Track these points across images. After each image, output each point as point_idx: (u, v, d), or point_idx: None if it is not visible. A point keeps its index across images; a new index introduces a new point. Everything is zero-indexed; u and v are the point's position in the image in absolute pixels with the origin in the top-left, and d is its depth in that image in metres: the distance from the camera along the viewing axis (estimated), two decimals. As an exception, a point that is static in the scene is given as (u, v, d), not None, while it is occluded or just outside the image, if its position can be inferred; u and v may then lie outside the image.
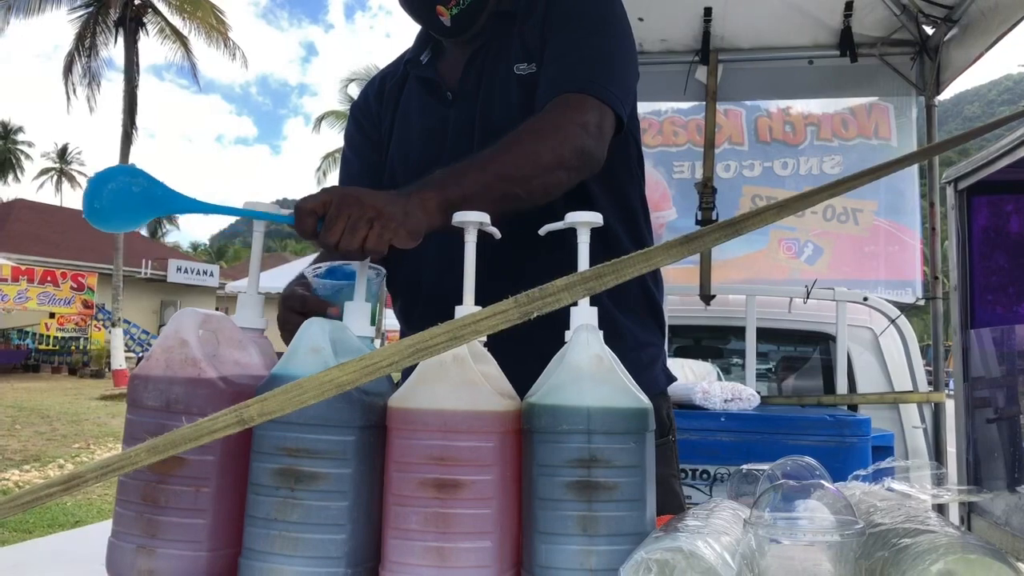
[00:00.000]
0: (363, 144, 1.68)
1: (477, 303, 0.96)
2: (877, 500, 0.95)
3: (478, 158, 1.20)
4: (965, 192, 1.19)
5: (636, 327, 1.53)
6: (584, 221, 0.99)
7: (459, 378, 0.85)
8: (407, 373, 1.03)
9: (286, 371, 0.85)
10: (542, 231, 1.07)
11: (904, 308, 3.87)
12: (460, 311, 0.95)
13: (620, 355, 0.93)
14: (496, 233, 1.07)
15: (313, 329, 0.87)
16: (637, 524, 0.83)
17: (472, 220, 1.01)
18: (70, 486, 0.72)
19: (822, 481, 0.82)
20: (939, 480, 0.96)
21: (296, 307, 1.19)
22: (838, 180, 0.79)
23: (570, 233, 1.01)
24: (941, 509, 1.34)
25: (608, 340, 0.92)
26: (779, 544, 0.78)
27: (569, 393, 0.84)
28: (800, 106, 4.36)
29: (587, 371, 0.86)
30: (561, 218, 1.02)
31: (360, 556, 0.84)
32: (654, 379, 1.55)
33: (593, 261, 0.86)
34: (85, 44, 23.97)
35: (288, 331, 1.16)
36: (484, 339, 0.98)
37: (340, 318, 1.04)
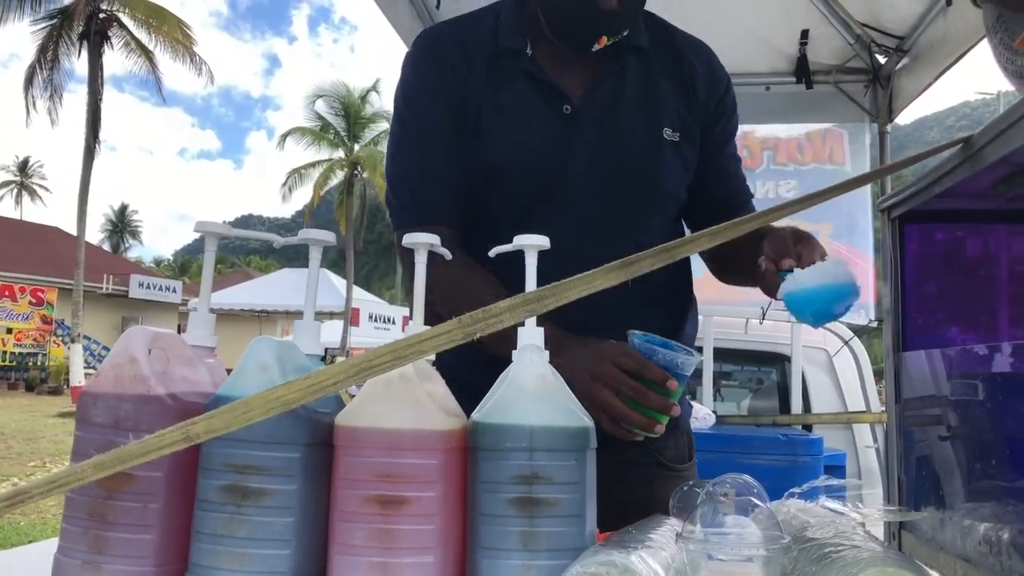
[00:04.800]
0: (450, 123, 1.47)
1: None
2: (811, 517, 0.99)
3: None
4: (898, 220, 1.24)
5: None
6: (532, 244, 1.02)
7: (405, 397, 0.87)
8: None
9: (233, 390, 0.86)
10: (491, 253, 1.09)
11: (858, 330, 3.95)
12: (408, 330, 0.97)
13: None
14: (447, 254, 1.09)
15: (261, 348, 0.89)
16: (576, 539, 0.85)
17: (422, 242, 1.03)
18: (14, 502, 0.73)
19: (751, 498, 0.85)
20: (866, 499, 1.00)
21: (629, 367, 1.19)
22: (769, 209, 0.82)
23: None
24: (890, 527, 1.38)
25: None
26: (711, 559, 0.81)
27: (512, 412, 0.87)
28: (759, 131, 4.45)
29: (531, 390, 0.88)
30: None
31: (305, 571, 0.85)
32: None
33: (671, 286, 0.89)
34: (47, 56, 23.68)
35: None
36: (432, 358, 1.00)
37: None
